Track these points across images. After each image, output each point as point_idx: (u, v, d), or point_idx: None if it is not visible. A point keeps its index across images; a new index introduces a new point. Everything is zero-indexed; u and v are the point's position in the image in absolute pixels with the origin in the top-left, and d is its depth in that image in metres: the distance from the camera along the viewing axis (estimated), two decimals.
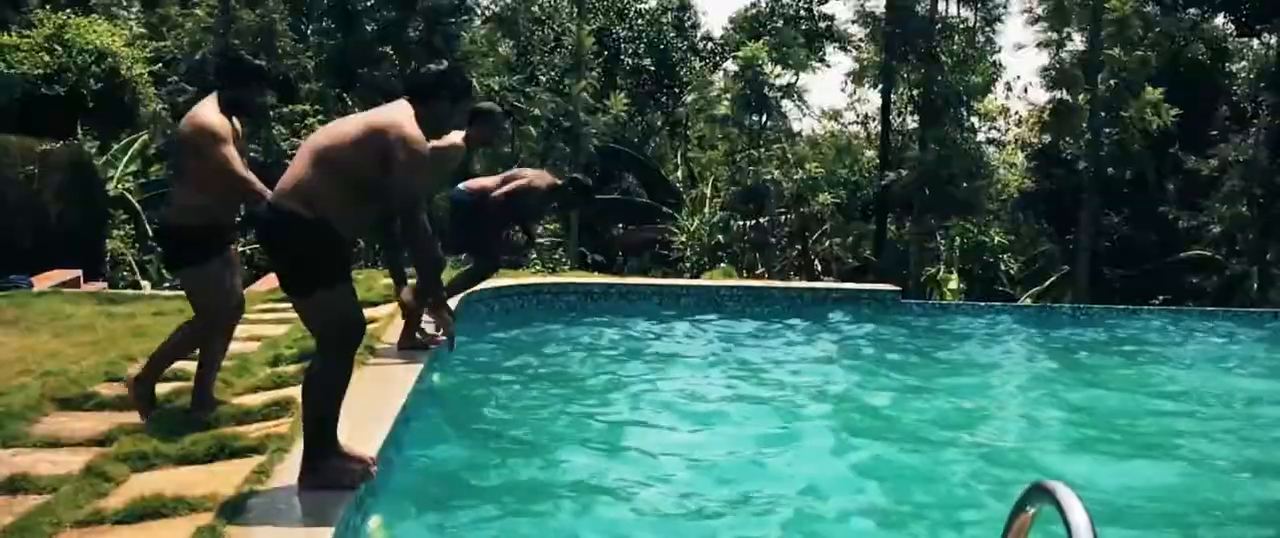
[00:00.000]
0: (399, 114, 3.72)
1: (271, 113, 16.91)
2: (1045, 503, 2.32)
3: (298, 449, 4.18)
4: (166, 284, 14.85)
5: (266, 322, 7.40)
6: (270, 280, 10.49)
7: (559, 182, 7.94)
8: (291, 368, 5.62)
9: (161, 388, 5.24)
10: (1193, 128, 20.54)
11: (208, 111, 4.62)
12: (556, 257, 18.39)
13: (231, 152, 4.57)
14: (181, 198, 4.73)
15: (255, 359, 5.90)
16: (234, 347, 5.99)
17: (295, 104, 18.07)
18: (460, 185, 7.72)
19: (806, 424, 6.42)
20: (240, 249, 17.02)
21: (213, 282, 4.71)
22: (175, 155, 4.89)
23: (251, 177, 4.62)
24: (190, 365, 5.65)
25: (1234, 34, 22.99)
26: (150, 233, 15.81)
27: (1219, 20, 23.01)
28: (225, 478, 3.87)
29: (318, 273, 3.62)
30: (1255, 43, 22.42)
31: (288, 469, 3.98)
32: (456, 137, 6.37)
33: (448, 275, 6.94)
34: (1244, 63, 22.38)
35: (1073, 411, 7.31)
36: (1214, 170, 20.65)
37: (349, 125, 3.78)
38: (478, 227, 7.42)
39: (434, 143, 4.65)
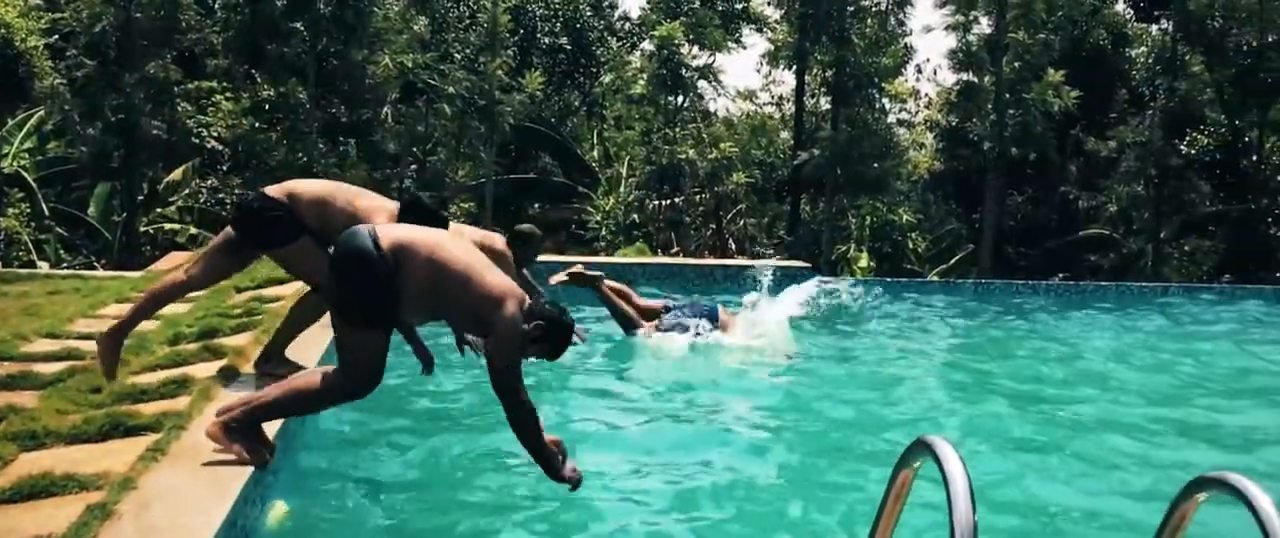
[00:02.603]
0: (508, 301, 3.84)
1: (175, 88, 16.42)
2: (926, 458, 2.40)
3: (195, 427, 4.13)
4: (64, 264, 14.39)
5: None
6: (172, 259, 10.23)
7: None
8: (191, 347, 5.51)
9: (53, 367, 5.12)
10: (1094, 110, 21.20)
11: (385, 217, 4.92)
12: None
13: None
14: (303, 212, 5.00)
15: (154, 338, 5.78)
16: None
17: (201, 82, 17.58)
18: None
19: (713, 389, 6.53)
20: (143, 228, 16.29)
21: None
22: (321, 203, 5.09)
23: None
24: (85, 345, 5.51)
25: (1133, 19, 23.72)
26: (46, 212, 15.30)
27: (1119, 6, 23.72)
28: (119, 456, 3.80)
29: (372, 313, 3.80)
30: (1154, 28, 23.16)
31: (185, 447, 3.92)
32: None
33: None
34: (1142, 48, 23.11)
35: (969, 376, 7.57)
36: (1112, 151, 21.35)
37: (468, 263, 3.88)
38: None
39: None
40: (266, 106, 17.42)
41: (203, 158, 17.51)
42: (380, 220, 4.80)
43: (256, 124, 17.26)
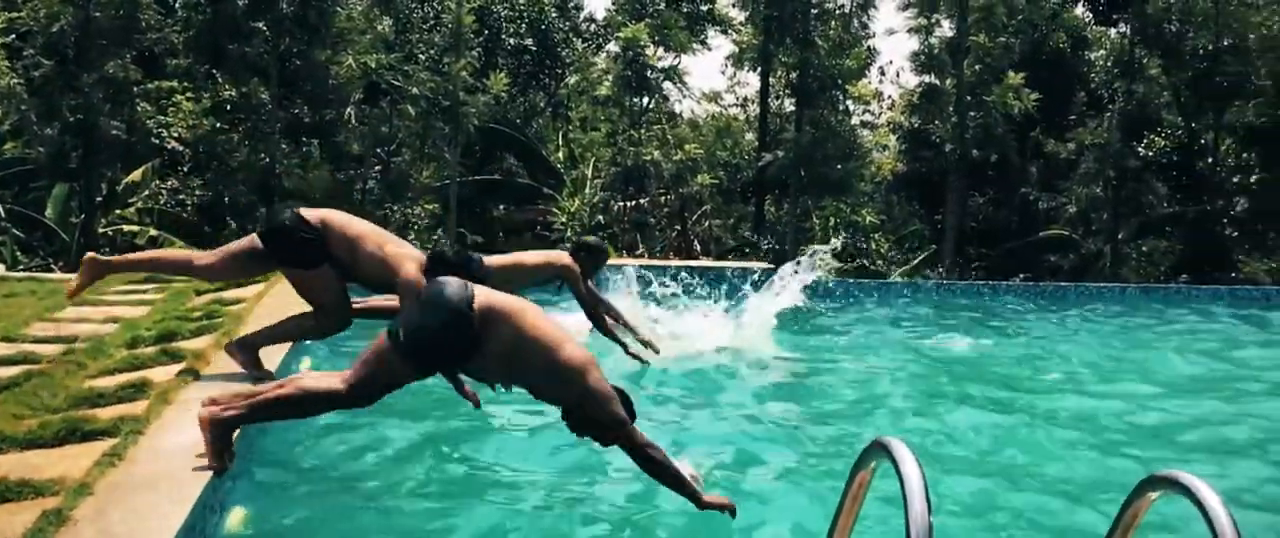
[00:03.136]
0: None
1: (135, 88, 16.22)
2: (883, 459, 2.43)
3: (152, 431, 4.09)
4: (21, 266, 14.18)
5: (126, 304, 7.15)
6: None
7: None
8: (150, 350, 5.45)
9: (9, 371, 5.05)
10: (1053, 113, 21.47)
11: (414, 266, 4.98)
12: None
13: (389, 302, 5.51)
14: (333, 243, 5.05)
15: (111, 341, 5.70)
16: (89, 328, 5.80)
17: (161, 82, 17.37)
18: None
19: (690, 389, 6.55)
20: (102, 230, 16.02)
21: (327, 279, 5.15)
22: (352, 240, 5.14)
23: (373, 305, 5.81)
24: (41, 348, 5.44)
25: (1092, 23, 24.05)
26: (3, 213, 15.06)
27: (1079, 10, 24.06)
28: (75, 461, 3.75)
29: (433, 363, 3.92)
30: (1112, 32, 23.49)
31: (142, 452, 3.88)
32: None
33: None
34: (1101, 51, 23.44)
35: (930, 374, 7.64)
36: (1071, 153, 21.64)
37: (551, 334, 3.94)
38: None
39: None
40: (228, 107, 17.24)
41: (163, 159, 17.30)
42: (409, 268, 4.95)
43: (218, 125, 17.08)
